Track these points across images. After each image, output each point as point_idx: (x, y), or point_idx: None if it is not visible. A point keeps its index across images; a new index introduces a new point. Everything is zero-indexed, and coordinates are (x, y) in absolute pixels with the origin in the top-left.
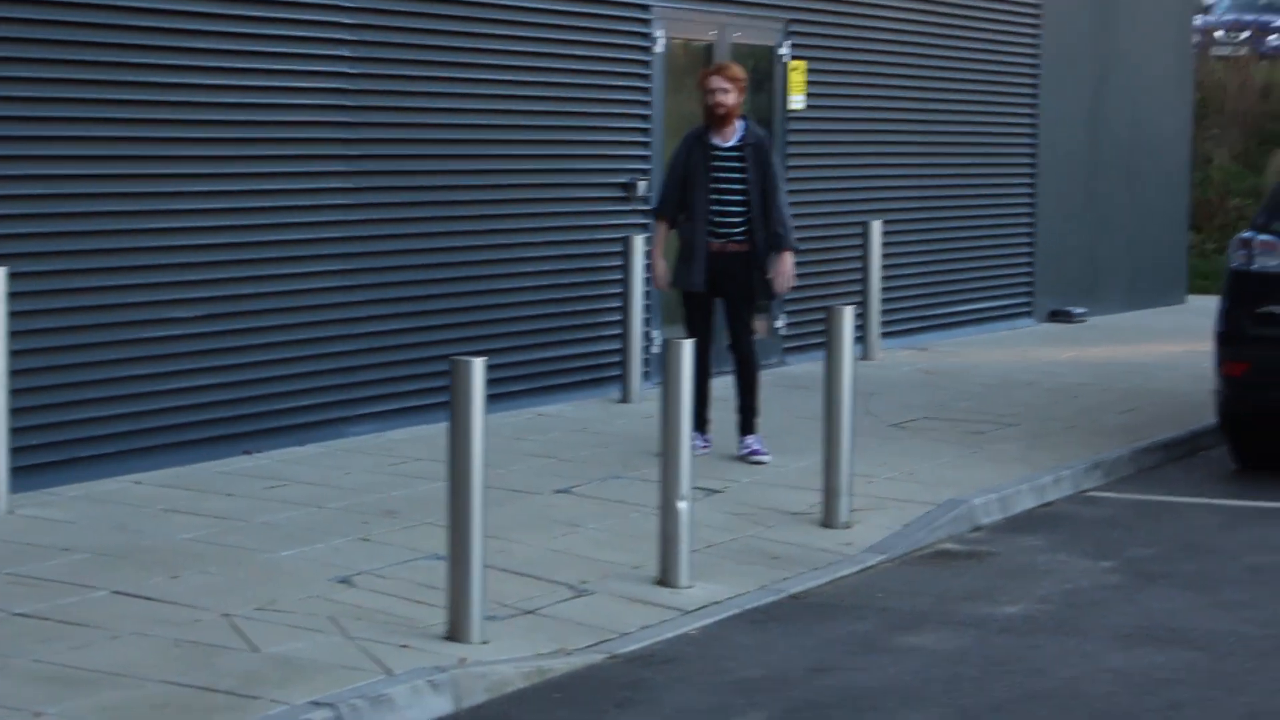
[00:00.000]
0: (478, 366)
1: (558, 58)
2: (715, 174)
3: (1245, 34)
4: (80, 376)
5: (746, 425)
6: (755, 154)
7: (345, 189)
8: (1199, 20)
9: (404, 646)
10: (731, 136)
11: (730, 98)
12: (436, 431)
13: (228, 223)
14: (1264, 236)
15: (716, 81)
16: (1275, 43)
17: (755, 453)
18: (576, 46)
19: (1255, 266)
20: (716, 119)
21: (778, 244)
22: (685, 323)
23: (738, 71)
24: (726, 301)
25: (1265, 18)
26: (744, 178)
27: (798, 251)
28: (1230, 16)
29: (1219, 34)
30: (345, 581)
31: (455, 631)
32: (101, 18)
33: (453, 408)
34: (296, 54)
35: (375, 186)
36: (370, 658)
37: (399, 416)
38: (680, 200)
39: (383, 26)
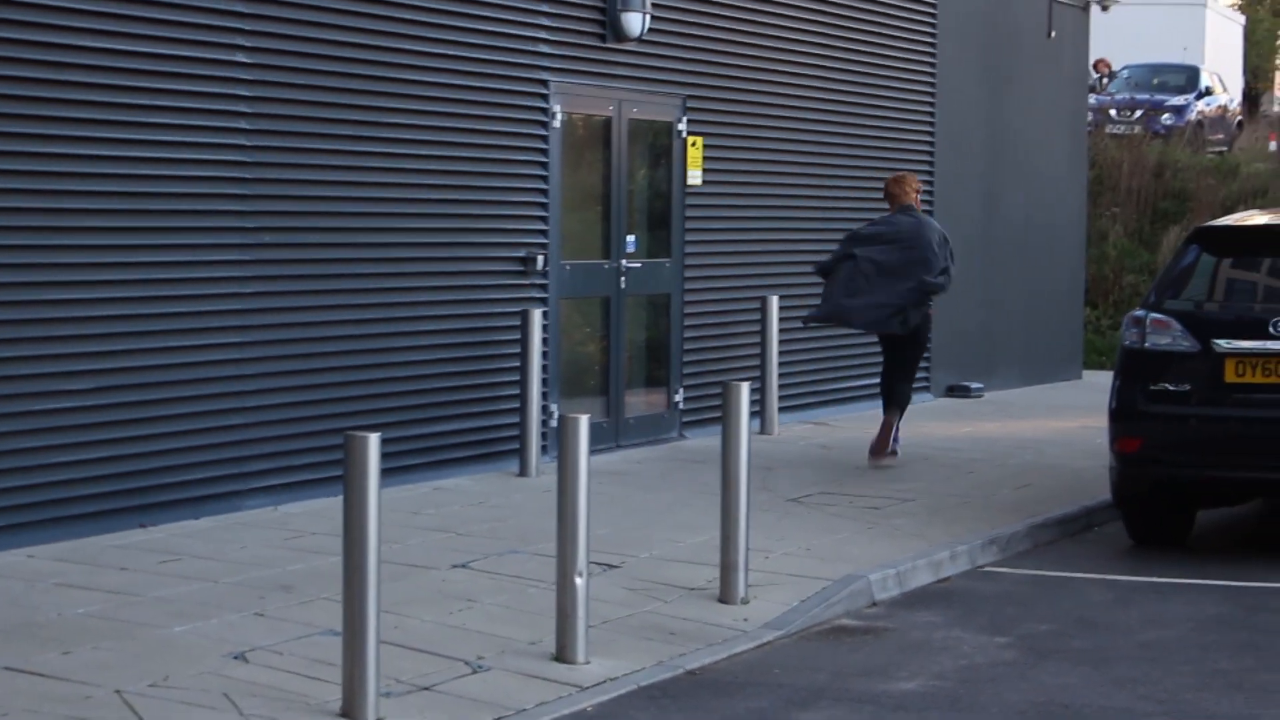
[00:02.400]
0: (373, 441)
1: (457, 131)
2: None
3: (1139, 113)
4: None
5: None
6: None
7: (240, 261)
8: (1093, 99)
9: None
10: None
11: None
12: (333, 505)
13: (120, 294)
14: (1156, 315)
15: None
16: (1168, 122)
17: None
18: (476, 120)
19: (1148, 344)
20: None
21: None
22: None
23: None
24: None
25: (1158, 97)
26: None
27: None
28: (1124, 96)
29: (1113, 113)
30: (240, 657)
31: (350, 709)
32: None
33: (347, 483)
34: (192, 125)
35: (270, 259)
36: None
37: (295, 490)
38: None
39: (280, 99)
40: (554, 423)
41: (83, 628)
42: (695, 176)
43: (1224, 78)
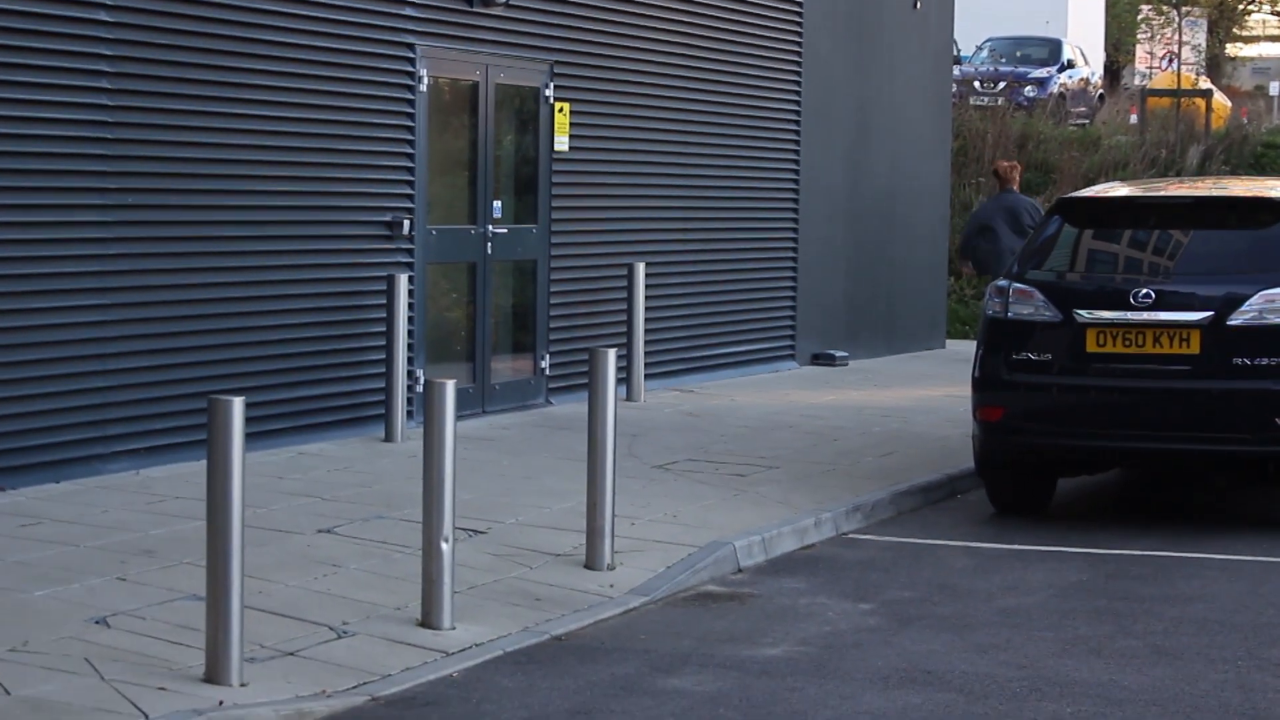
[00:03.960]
0: (237, 405)
1: (323, 94)
2: None
3: (1002, 85)
4: None
5: None
6: None
7: (102, 222)
8: (957, 71)
9: (161, 689)
10: None
11: None
12: (197, 469)
13: None
14: (1019, 284)
15: None
16: (1031, 94)
17: None
18: (341, 84)
19: (1010, 314)
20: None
21: None
22: None
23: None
24: None
25: (1021, 70)
26: None
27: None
28: (987, 68)
29: (977, 84)
30: (101, 622)
31: (213, 673)
32: None
33: (211, 447)
34: (53, 84)
35: (134, 220)
36: (126, 700)
37: (158, 454)
38: None
39: (144, 59)
40: (420, 388)
41: None
42: (562, 142)
43: (1086, 51)
